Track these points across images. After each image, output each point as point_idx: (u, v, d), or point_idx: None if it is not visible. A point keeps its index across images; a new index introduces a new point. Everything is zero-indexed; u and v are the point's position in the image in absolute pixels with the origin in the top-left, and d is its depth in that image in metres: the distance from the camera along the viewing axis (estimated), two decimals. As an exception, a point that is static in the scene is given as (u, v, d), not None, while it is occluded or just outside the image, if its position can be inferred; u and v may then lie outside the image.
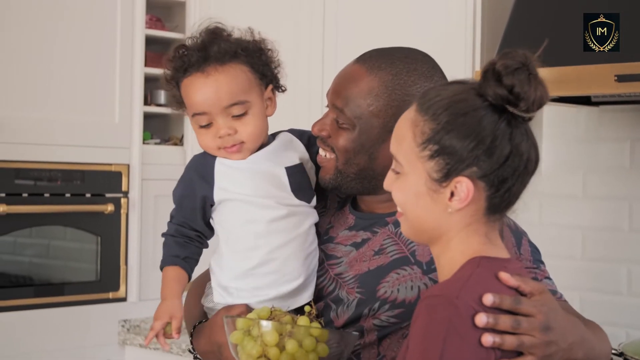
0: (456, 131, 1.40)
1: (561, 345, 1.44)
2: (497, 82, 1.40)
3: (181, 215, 1.83)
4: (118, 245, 3.69)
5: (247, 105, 1.77)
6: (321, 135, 1.79)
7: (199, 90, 1.75)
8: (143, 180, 3.75)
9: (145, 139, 3.84)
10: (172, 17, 4.02)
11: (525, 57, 1.41)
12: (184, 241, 1.82)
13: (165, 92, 3.83)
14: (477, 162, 1.40)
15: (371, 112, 1.73)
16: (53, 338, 3.51)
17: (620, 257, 3.00)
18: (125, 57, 3.70)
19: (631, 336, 2.90)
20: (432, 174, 1.42)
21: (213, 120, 1.76)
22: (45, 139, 3.48)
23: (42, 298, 3.49)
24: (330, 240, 1.84)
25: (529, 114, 1.42)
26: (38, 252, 3.60)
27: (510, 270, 1.44)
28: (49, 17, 3.49)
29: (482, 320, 1.35)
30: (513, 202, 1.46)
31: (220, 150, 1.78)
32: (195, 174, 1.80)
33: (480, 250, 1.44)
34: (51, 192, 3.52)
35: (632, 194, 2.98)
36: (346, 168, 1.76)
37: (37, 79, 3.47)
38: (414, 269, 1.72)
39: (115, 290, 3.69)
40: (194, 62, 1.76)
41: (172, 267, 1.81)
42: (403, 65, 1.75)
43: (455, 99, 1.42)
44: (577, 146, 3.08)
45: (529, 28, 2.76)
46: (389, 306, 1.71)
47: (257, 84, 1.80)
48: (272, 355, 1.58)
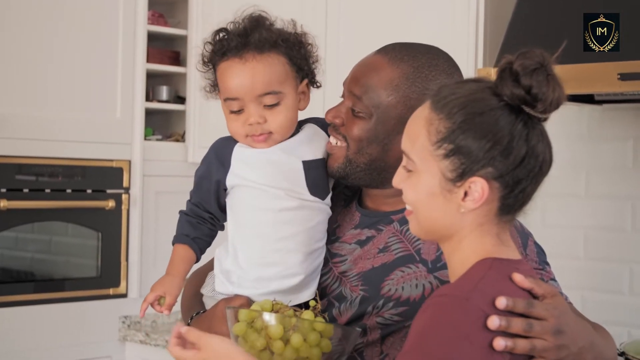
0: (472, 131, 1.39)
1: (572, 349, 1.43)
2: (514, 82, 1.39)
3: (198, 195, 1.84)
4: (119, 241, 3.69)
5: (280, 96, 1.76)
6: (335, 123, 1.77)
7: (235, 76, 1.75)
8: (144, 177, 3.75)
9: (147, 135, 3.83)
10: (175, 13, 4.01)
11: (543, 57, 1.39)
12: (196, 221, 1.83)
13: (169, 86, 3.86)
14: (492, 163, 1.39)
15: (389, 103, 1.72)
16: (53, 334, 3.51)
17: (622, 257, 2.99)
18: (127, 53, 3.69)
19: (633, 335, 2.89)
20: (447, 173, 1.40)
21: (244, 106, 1.76)
22: (47, 134, 3.48)
23: (43, 294, 3.49)
24: (337, 239, 1.83)
25: (545, 115, 1.41)
26: (39, 247, 3.59)
27: (522, 272, 1.43)
28: (50, 14, 3.49)
29: (494, 323, 1.34)
30: (526, 202, 1.44)
31: (247, 137, 1.78)
32: (215, 157, 1.81)
33: (493, 251, 1.43)
34: (52, 188, 3.51)
35: (635, 193, 2.97)
36: (357, 157, 1.75)
37: (39, 75, 3.47)
38: (419, 267, 1.71)
39: (115, 286, 3.68)
40: (233, 46, 1.76)
41: (181, 246, 1.82)
42: (425, 59, 1.74)
43: (472, 98, 1.41)
44: (579, 145, 3.08)
45: (531, 27, 2.75)
46: (393, 304, 1.70)
47: (293, 77, 1.79)
48: (276, 348, 1.56)
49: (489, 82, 1.44)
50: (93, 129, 3.60)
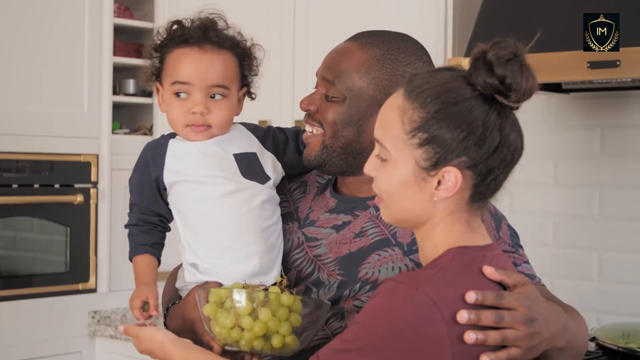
0: (447, 120, 1.40)
1: (545, 335, 1.45)
2: (488, 72, 1.40)
3: (142, 201, 1.86)
4: (87, 236, 3.66)
5: (227, 92, 1.82)
6: (309, 110, 1.81)
7: (192, 62, 1.81)
8: (112, 171, 3.72)
9: (114, 129, 3.81)
10: (141, 6, 3.99)
11: (517, 47, 1.41)
12: (148, 229, 1.86)
13: (136, 80, 3.83)
14: (466, 152, 1.40)
15: (361, 85, 1.76)
16: (22, 330, 3.48)
17: (591, 244, 3.02)
18: (94, 47, 3.67)
19: (602, 321, 2.92)
20: (421, 162, 1.42)
21: (191, 93, 1.81)
22: (13, 129, 3.44)
23: (11, 290, 3.46)
24: (312, 223, 1.85)
25: (518, 104, 1.42)
26: (5, 244, 3.55)
27: (489, 257, 1.45)
28: (16, 7, 3.45)
29: (463, 317, 1.36)
30: (497, 190, 1.47)
31: (186, 127, 1.82)
32: (150, 158, 1.85)
33: (461, 240, 1.45)
34: (19, 183, 3.48)
35: (603, 181, 3.00)
36: (333, 142, 1.78)
37: (4, 69, 3.43)
38: (394, 250, 1.74)
39: (85, 281, 3.66)
40: (193, 36, 1.82)
41: (142, 256, 1.84)
42: (394, 43, 1.78)
43: (446, 87, 1.42)
44: (547, 133, 3.10)
45: (501, 16, 2.76)
46: (370, 287, 1.73)
47: (238, 81, 1.86)
48: (245, 324, 1.59)
49: (462, 70, 1.45)
50: (60, 123, 3.57)
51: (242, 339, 1.61)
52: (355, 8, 3.23)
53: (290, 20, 3.40)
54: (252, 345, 1.61)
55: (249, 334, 1.60)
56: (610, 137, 2.98)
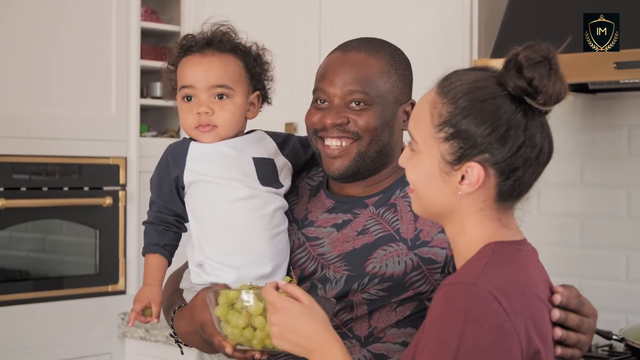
0: (473, 116, 1.43)
1: None
2: (517, 73, 1.43)
3: (160, 199, 1.90)
4: (116, 238, 3.69)
5: (230, 92, 1.87)
6: (339, 123, 1.85)
7: (193, 66, 1.88)
8: (140, 173, 3.75)
9: (142, 132, 3.84)
10: (167, 10, 4.02)
11: (548, 50, 1.44)
12: (162, 228, 1.90)
13: (163, 83, 3.84)
14: (489, 149, 1.43)
15: (387, 89, 1.86)
16: (53, 332, 3.51)
17: (618, 244, 3.01)
18: (121, 50, 3.70)
19: (631, 322, 2.92)
20: (446, 156, 1.45)
21: (196, 95, 1.86)
22: (43, 132, 3.48)
23: (41, 292, 3.49)
24: (311, 224, 1.91)
25: (545, 108, 1.44)
26: (35, 246, 3.59)
27: (524, 251, 1.49)
28: (44, 12, 3.48)
29: (555, 315, 1.46)
30: (524, 191, 1.49)
31: (195, 129, 1.87)
32: (171, 157, 1.89)
33: (495, 235, 1.47)
34: (49, 186, 3.51)
35: (630, 181, 2.99)
36: (369, 148, 1.85)
37: (33, 73, 3.46)
38: (399, 245, 1.81)
39: (114, 283, 3.69)
40: (197, 45, 1.89)
41: (152, 255, 1.90)
42: (387, 47, 1.90)
43: (476, 85, 1.45)
44: (574, 134, 3.09)
45: (527, 18, 2.76)
46: (379, 280, 1.79)
47: (246, 82, 1.91)
48: (258, 324, 1.65)
49: (494, 71, 1.48)
50: (89, 127, 3.60)
51: (254, 338, 1.66)
52: (380, 13, 3.24)
53: (315, 25, 3.41)
54: (264, 344, 1.67)
55: (262, 333, 1.65)
56: (637, 137, 2.97)
